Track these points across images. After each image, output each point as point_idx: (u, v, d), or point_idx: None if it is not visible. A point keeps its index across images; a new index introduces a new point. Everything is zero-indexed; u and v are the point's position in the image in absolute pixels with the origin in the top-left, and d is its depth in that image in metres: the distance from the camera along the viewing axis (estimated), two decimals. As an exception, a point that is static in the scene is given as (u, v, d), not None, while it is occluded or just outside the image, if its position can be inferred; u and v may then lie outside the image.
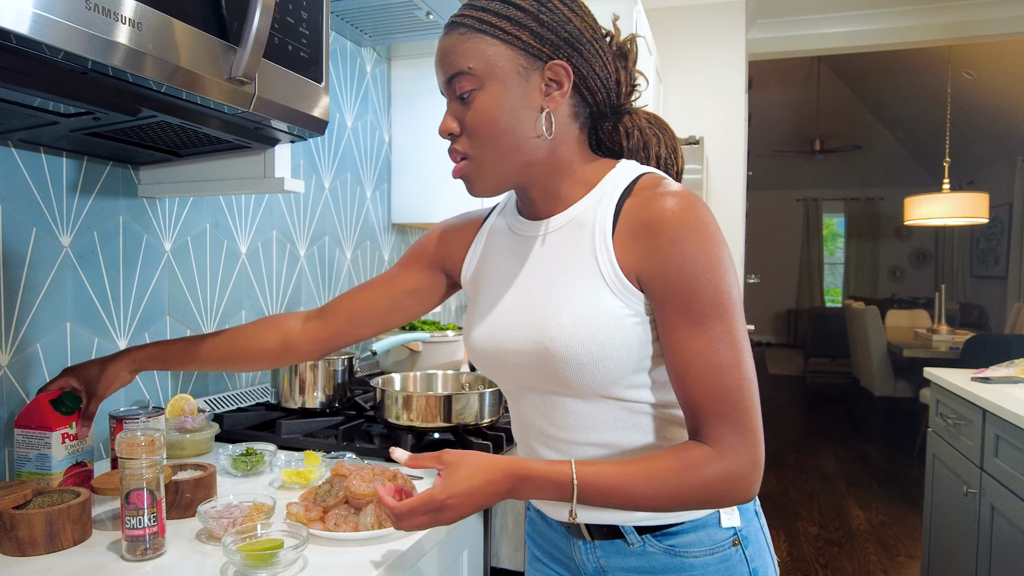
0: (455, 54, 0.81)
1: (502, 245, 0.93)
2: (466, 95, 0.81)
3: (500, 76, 0.80)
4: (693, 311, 0.75)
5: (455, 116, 0.83)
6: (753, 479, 0.75)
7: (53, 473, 0.99)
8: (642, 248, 0.77)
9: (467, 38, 0.80)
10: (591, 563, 0.89)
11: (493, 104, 0.80)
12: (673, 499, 0.74)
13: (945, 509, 2.39)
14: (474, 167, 0.83)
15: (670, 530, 0.84)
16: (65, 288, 1.17)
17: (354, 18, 1.79)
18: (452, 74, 0.81)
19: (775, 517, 3.71)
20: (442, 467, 0.75)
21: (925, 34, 4.17)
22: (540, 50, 0.80)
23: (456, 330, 1.92)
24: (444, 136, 0.84)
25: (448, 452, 0.76)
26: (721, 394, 0.75)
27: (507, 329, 0.85)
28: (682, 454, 0.75)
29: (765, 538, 0.90)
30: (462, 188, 0.88)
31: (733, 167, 3.72)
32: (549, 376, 0.81)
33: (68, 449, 1.02)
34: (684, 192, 0.78)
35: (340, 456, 1.23)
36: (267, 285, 1.68)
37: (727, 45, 3.72)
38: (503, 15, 0.79)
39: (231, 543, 0.82)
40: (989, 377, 2.26)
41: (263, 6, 0.84)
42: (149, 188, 1.30)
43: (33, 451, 1.00)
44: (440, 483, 0.73)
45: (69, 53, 0.67)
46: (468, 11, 0.82)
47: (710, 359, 0.75)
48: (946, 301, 6.14)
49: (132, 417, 1.12)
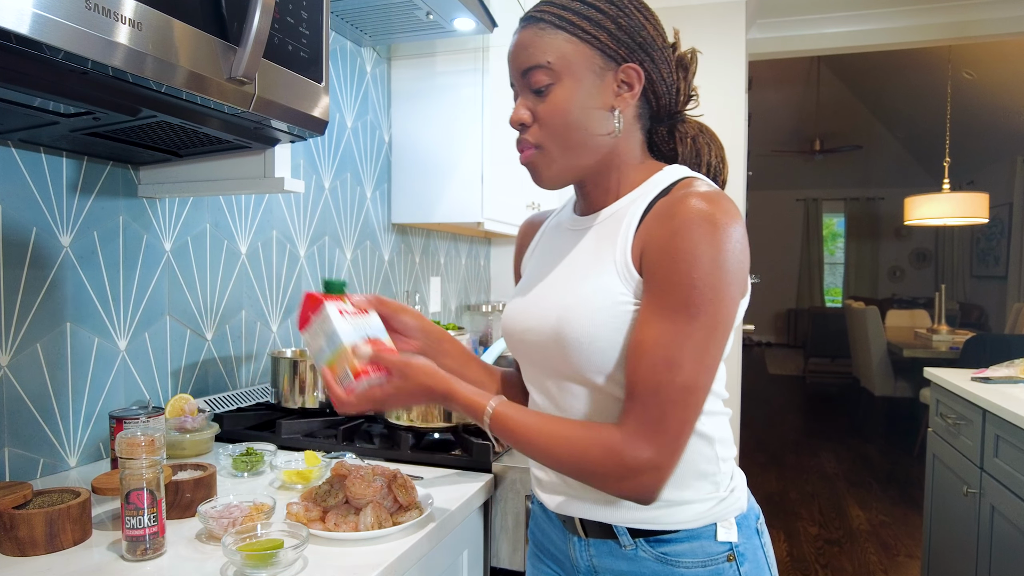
0: (534, 48, 0.84)
1: (552, 239, 0.97)
2: (543, 88, 0.84)
3: (576, 73, 0.83)
4: (667, 300, 0.75)
5: (528, 107, 0.86)
6: (647, 480, 0.75)
7: (344, 345, 0.86)
8: (651, 232, 0.79)
9: (547, 33, 0.83)
10: (584, 561, 0.89)
11: (567, 99, 0.83)
12: (565, 464, 0.79)
13: (945, 509, 2.39)
14: (542, 157, 0.86)
15: (663, 536, 0.84)
16: (65, 288, 1.17)
17: (354, 18, 1.79)
18: (530, 67, 0.84)
19: (775, 517, 3.71)
20: (399, 372, 0.85)
21: (925, 34, 4.17)
22: (616, 52, 0.83)
23: (456, 330, 1.92)
24: (515, 126, 0.87)
25: (411, 363, 0.85)
26: (655, 387, 0.74)
27: (530, 311, 0.89)
28: (594, 429, 0.78)
29: (766, 558, 0.88)
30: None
31: (733, 167, 3.72)
32: (556, 356, 0.84)
33: (351, 323, 0.89)
34: (713, 194, 0.77)
35: (340, 456, 1.23)
36: (267, 285, 1.68)
37: (727, 45, 3.72)
38: (583, 15, 0.82)
39: (231, 543, 0.82)
40: (989, 377, 2.26)
41: (263, 6, 0.84)
42: (149, 188, 1.30)
43: (321, 338, 0.90)
44: (392, 386, 0.85)
45: (69, 53, 0.67)
46: (548, 7, 0.84)
47: (663, 351, 0.74)
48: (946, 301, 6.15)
49: (132, 417, 1.11)
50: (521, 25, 0.87)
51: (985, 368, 2.36)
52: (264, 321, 1.67)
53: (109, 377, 1.25)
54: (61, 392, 1.16)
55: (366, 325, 0.91)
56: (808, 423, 6.04)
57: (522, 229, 1.08)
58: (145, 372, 1.33)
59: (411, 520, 0.96)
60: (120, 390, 1.28)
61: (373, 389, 0.86)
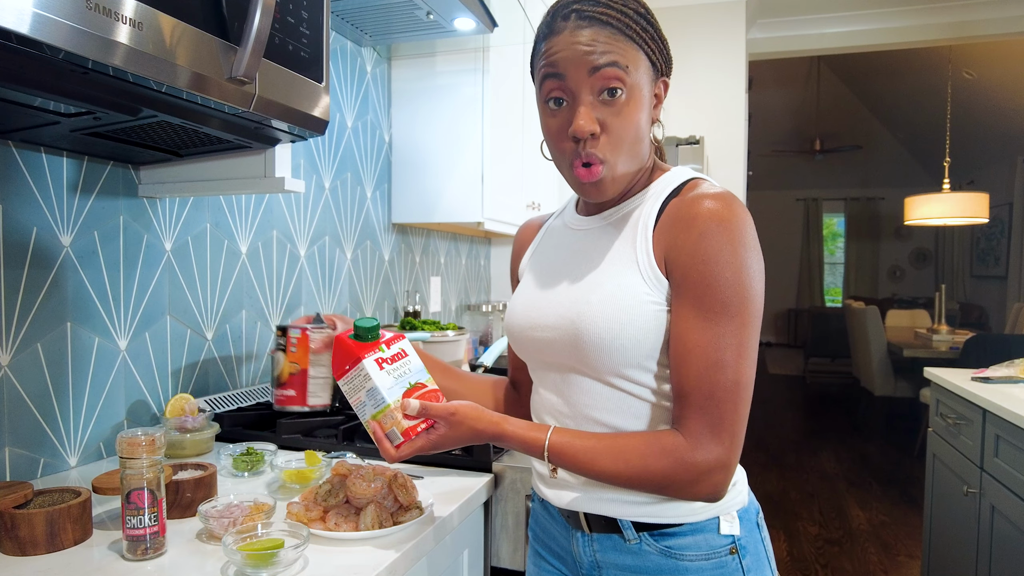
0: (610, 49, 0.79)
1: (555, 239, 0.98)
2: (616, 91, 0.80)
3: (642, 84, 0.83)
4: (704, 304, 0.77)
5: (597, 116, 0.80)
6: (718, 479, 0.77)
7: (389, 404, 0.86)
8: (673, 237, 0.80)
9: (617, 38, 0.80)
10: (587, 557, 0.89)
11: (637, 110, 0.82)
12: (633, 479, 0.79)
13: (945, 509, 2.39)
14: (612, 173, 0.83)
15: (668, 530, 0.85)
16: (65, 288, 1.17)
17: (354, 18, 1.79)
18: (606, 64, 0.78)
19: (775, 517, 3.71)
20: (446, 421, 0.86)
21: (925, 34, 4.17)
22: (661, 66, 0.86)
23: (456, 330, 1.92)
24: (583, 136, 0.80)
25: (459, 410, 0.85)
26: (709, 390, 0.77)
27: (542, 307, 0.90)
28: (653, 438, 0.79)
29: (766, 551, 0.89)
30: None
31: (733, 167, 3.73)
32: (572, 352, 0.85)
33: (391, 374, 0.88)
34: (724, 194, 0.80)
35: (340, 456, 1.23)
36: (267, 285, 1.68)
37: (727, 45, 3.72)
38: (644, 27, 0.82)
39: (231, 543, 0.82)
40: (989, 377, 2.26)
41: (263, 6, 0.84)
42: (149, 188, 1.30)
43: (363, 393, 0.89)
44: (437, 434, 0.86)
45: (70, 53, 0.67)
46: (607, 11, 0.80)
47: (709, 354, 0.77)
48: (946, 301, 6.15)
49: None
50: (575, 22, 0.79)
51: (985, 368, 2.36)
52: (264, 321, 1.67)
53: (109, 377, 1.25)
54: (62, 392, 1.16)
55: (406, 371, 0.90)
56: (808, 423, 6.04)
57: (519, 232, 1.08)
58: (145, 372, 1.33)
59: (411, 520, 0.96)
60: (120, 390, 1.28)
61: (420, 440, 0.87)
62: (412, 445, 0.87)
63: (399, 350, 0.91)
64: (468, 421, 0.86)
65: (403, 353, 0.91)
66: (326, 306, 1.89)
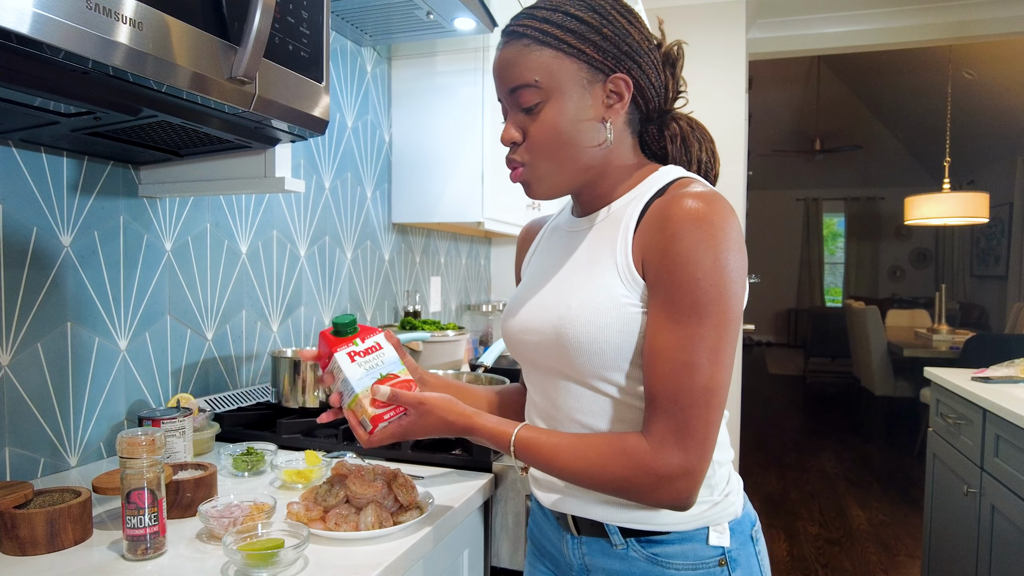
0: (519, 66, 0.83)
1: (551, 242, 0.97)
2: (532, 108, 0.83)
3: (564, 89, 0.82)
4: (675, 305, 0.75)
5: (518, 125, 0.85)
6: (681, 487, 0.74)
7: (358, 394, 0.89)
8: (649, 238, 0.79)
9: (531, 50, 0.82)
10: (577, 559, 0.89)
11: (557, 117, 0.82)
12: (593, 478, 0.78)
13: (945, 509, 2.39)
14: (533, 174, 0.86)
15: (655, 537, 0.84)
16: (66, 288, 1.17)
17: (354, 18, 1.79)
18: (516, 86, 0.83)
19: (775, 517, 3.71)
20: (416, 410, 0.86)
21: (925, 34, 4.16)
22: (603, 63, 0.82)
23: (456, 330, 1.92)
24: (507, 144, 0.87)
25: (428, 400, 0.86)
26: (674, 393, 0.74)
27: (530, 311, 0.90)
28: (616, 439, 0.78)
29: (759, 566, 0.87)
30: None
31: (733, 167, 3.73)
32: (557, 355, 0.84)
33: (362, 366, 0.91)
34: (707, 194, 0.77)
35: (340, 456, 1.23)
36: (267, 285, 1.68)
37: (727, 45, 3.72)
38: (568, 28, 0.81)
39: (232, 543, 0.82)
40: (989, 377, 2.26)
41: (264, 6, 0.84)
42: (149, 188, 1.30)
43: (339, 383, 0.92)
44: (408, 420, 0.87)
45: (70, 53, 0.67)
46: (530, 21, 0.82)
47: (677, 356, 0.74)
48: (946, 301, 6.14)
49: (169, 417, 1.13)
50: (503, 41, 0.85)
51: (985, 368, 2.36)
52: (264, 321, 1.67)
53: (110, 377, 1.25)
54: (62, 392, 1.16)
55: (379, 363, 0.92)
56: (808, 423, 6.05)
57: (521, 234, 1.08)
58: (146, 372, 1.33)
59: (411, 520, 0.96)
60: (121, 390, 1.28)
61: (391, 426, 0.88)
62: (384, 431, 0.88)
63: (373, 343, 0.94)
64: (438, 411, 0.86)
65: (377, 346, 0.94)
66: (326, 306, 1.90)
